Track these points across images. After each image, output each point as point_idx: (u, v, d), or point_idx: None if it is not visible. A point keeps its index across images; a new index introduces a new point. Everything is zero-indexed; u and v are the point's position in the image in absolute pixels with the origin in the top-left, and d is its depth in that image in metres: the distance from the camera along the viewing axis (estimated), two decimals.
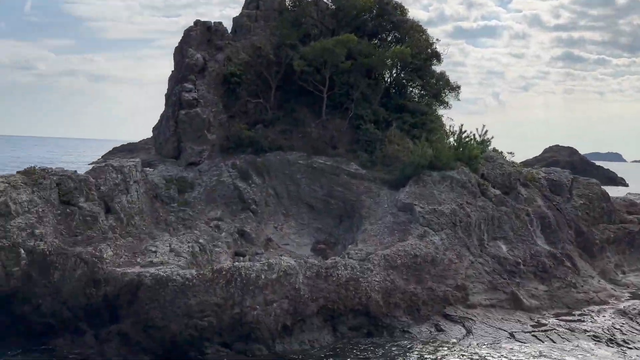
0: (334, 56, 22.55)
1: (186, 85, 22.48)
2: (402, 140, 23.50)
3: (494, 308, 17.49)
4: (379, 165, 22.51)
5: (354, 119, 23.69)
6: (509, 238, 20.15)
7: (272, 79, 23.73)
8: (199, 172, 21.60)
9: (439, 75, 27.14)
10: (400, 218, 19.18)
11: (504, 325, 16.54)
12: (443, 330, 15.88)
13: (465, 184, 20.72)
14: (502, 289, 18.08)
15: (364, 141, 23.01)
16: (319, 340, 14.60)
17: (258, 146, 22.49)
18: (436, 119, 26.19)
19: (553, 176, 23.67)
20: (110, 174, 18.00)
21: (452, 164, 21.30)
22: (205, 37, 24.53)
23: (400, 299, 16.17)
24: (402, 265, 16.86)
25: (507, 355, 14.44)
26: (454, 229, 18.95)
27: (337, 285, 15.49)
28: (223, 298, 13.73)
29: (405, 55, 23.02)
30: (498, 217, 20.28)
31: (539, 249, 20.15)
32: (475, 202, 20.32)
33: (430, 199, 19.87)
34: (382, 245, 17.73)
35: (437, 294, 16.90)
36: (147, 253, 15.22)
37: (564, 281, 19.44)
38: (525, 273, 19.13)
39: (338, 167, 22.06)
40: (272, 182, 22.18)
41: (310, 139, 23.37)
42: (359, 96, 24.04)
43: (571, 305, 18.71)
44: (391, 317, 15.71)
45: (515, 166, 23.02)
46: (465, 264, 18.20)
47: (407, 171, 21.23)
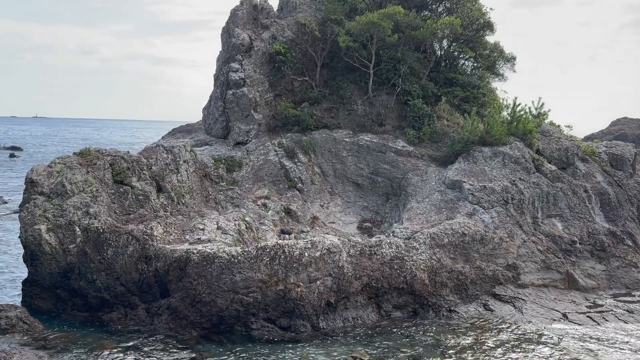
0: (380, 30, 22.00)
1: (233, 65, 22.70)
2: (451, 116, 22.83)
3: (547, 288, 16.88)
4: (427, 142, 22.01)
5: (401, 94, 23.17)
6: (565, 215, 19.25)
7: (317, 56, 23.52)
8: (246, 151, 21.91)
9: (492, 46, 26.00)
10: (448, 196, 18.72)
11: (557, 306, 15.92)
12: (492, 310, 15.49)
13: (519, 159, 19.88)
14: (556, 268, 17.37)
15: (412, 117, 22.50)
16: (362, 318, 14.61)
17: (304, 125, 22.50)
18: (489, 92, 25.17)
19: (615, 150, 22.28)
20: (161, 154, 18.58)
21: (504, 139, 20.47)
22: (252, 15, 24.58)
23: (447, 277, 15.86)
24: (449, 244, 16.49)
25: (559, 336, 13.90)
26: (505, 207, 18.30)
27: (381, 264, 15.38)
28: (267, 275, 13.96)
29: (455, 26, 22.12)
30: (553, 194, 19.38)
31: (597, 226, 19.15)
32: (529, 178, 19.49)
33: (480, 175, 19.24)
34: (429, 224, 17.39)
35: (486, 273, 16.45)
36: (195, 230, 15.68)
37: (624, 260, 18.42)
38: (581, 252, 18.26)
39: (384, 145, 21.75)
40: (318, 160, 22.20)
41: (356, 116, 23.14)
42: (406, 71, 23.42)
43: (631, 285, 17.75)
44: (437, 296, 15.47)
45: (573, 140, 21.80)
46: (517, 242, 17.57)
47: (456, 147, 20.62)
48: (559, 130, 22.46)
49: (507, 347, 13.14)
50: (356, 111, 23.17)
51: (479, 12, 24.27)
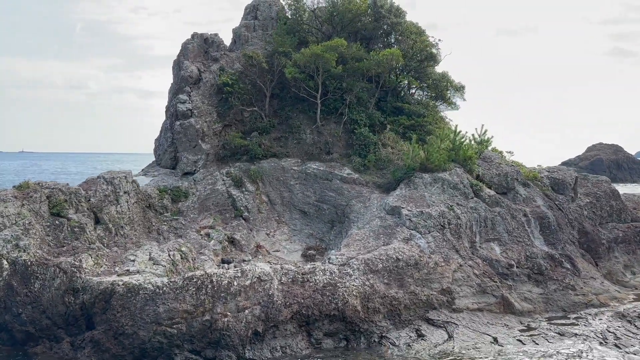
0: (325, 62, 22.61)
1: (181, 96, 23.05)
2: (396, 143, 23.33)
3: (481, 312, 17.02)
4: (373, 169, 22.42)
5: (348, 123, 23.68)
6: (504, 239, 19.58)
7: (266, 87, 24.01)
8: (194, 181, 22.06)
9: (439, 76, 26.79)
10: (387, 222, 18.97)
11: (489, 330, 16.05)
12: (423, 336, 15.56)
13: (457, 185, 20.30)
14: (492, 292, 17.57)
15: (358, 145, 22.95)
16: (291, 347, 14.57)
17: (252, 154, 22.81)
18: (437, 120, 25.82)
19: (556, 175, 22.85)
20: (101, 186, 18.64)
21: (445, 166, 20.94)
22: (202, 49, 25.13)
23: (380, 303, 15.94)
24: (384, 270, 16.64)
25: None
26: (442, 232, 18.58)
27: (313, 291, 15.44)
28: (193, 305, 13.94)
29: (396, 58, 22.80)
30: (491, 218, 19.75)
31: (535, 250, 19.49)
32: (467, 203, 19.87)
33: (419, 201, 19.57)
34: (366, 250, 17.56)
35: (421, 298, 16.58)
36: (126, 262, 15.64)
37: (562, 283, 18.70)
38: (518, 275, 18.52)
39: (331, 172, 22.09)
40: (266, 189, 22.42)
41: (305, 145, 23.55)
42: (353, 100, 24.01)
43: (567, 308, 17.98)
44: (369, 323, 15.51)
45: (514, 166, 22.35)
46: (453, 266, 17.79)
47: (398, 174, 21.03)
48: (500, 156, 23.02)
49: None
50: (305, 140, 23.58)
51: (422, 44, 25.06)
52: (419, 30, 26.70)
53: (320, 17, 26.31)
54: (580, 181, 24.50)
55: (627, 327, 16.27)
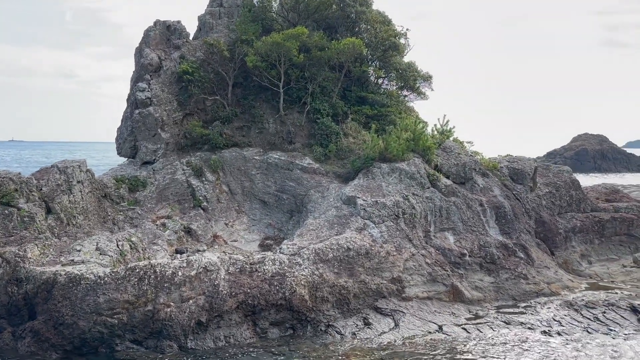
0: (286, 50, 22.44)
1: (140, 84, 22.79)
2: (358, 133, 23.30)
3: (431, 300, 17.19)
4: (334, 159, 22.41)
5: (311, 113, 23.58)
6: (458, 229, 19.74)
7: (228, 76, 23.81)
8: (152, 170, 21.90)
9: (405, 66, 26.72)
10: (343, 211, 19.03)
11: (436, 318, 16.24)
12: (370, 324, 15.70)
13: (414, 175, 20.38)
14: (442, 280, 17.74)
15: (320, 135, 22.90)
16: (235, 336, 14.64)
17: (214, 143, 22.67)
18: (404, 110, 25.83)
19: (515, 165, 23.01)
20: (54, 175, 18.43)
21: (404, 156, 20.99)
22: (165, 36, 24.79)
23: (328, 292, 16.04)
24: (334, 259, 16.71)
25: (425, 346, 14.18)
26: (396, 221, 18.68)
27: (261, 281, 15.49)
28: (135, 295, 13.92)
29: (357, 47, 22.70)
30: (446, 208, 19.88)
31: (489, 239, 19.67)
32: (423, 193, 19.97)
33: (376, 191, 19.63)
34: (318, 240, 17.62)
35: (370, 287, 16.70)
36: (72, 252, 15.55)
37: (514, 272, 18.92)
38: (470, 264, 18.71)
39: (292, 162, 22.05)
40: (226, 178, 22.34)
41: (267, 135, 23.45)
42: (317, 90, 23.90)
43: (518, 297, 18.22)
44: (317, 312, 15.60)
45: (472, 156, 22.47)
46: (405, 256, 17.91)
47: (357, 164, 21.05)
48: (460, 147, 23.11)
49: (372, 359, 13.35)
50: (267, 129, 23.48)
51: (387, 33, 24.95)
52: (385, 19, 26.58)
53: (286, 5, 26.08)
54: (542, 171, 24.71)
55: (572, 315, 16.53)
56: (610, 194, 26.85)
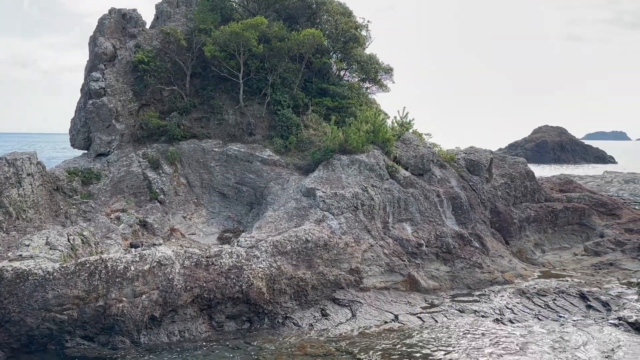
0: (245, 40, 22.15)
1: (94, 74, 22.12)
2: (319, 125, 23.26)
3: (388, 290, 17.39)
4: (294, 151, 22.33)
5: (272, 104, 23.39)
6: (416, 220, 20.01)
7: (186, 65, 23.35)
8: (107, 162, 21.34)
9: (366, 58, 26.79)
10: (302, 203, 18.99)
11: (392, 308, 16.44)
12: (328, 315, 15.77)
13: (374, 166, 20.50)
14: (400, 270, 17.97)
15: (281, 127, 22.76)
16: (190, 330, 14.46)
17: (171, 135, 22.25)
18: (366, 102, 25.91)
19: (472, 156, 23.45)
20: (2, 168, 17.71)
21: (364, 148, 21.09)
22: (120, 25, 24.11)
23: (286, 284, 16.01)
24: (292, 251, 16.68)
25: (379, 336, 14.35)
26: (355, 213, 18.78)
27: (217, 274, 15.32)
28: (85, 291, 13.56)
29: (317, 38, 22.60)
30: (404, 199, 20.10)
31: (445, 229, 20.02)
32: (382, 184, 20.13)
33: (335, 183, 19.67)
34: (277, 232, 17.55)
35: (329, 278, 16.75)
36: (20, 247, 15.01)
37: (469, 261, 19.33)
38: (427, 254, 19.01)
39: (252, 154, 21.86)
40: (184, 170, 21.97)
41: (227, 126, 23.16)
42: (277, 81, 23.72)
43: (473, 285, 18.63)
44: (274, 304, 15.56)
45: (430, 148, 22.77)
46: (364, 247, 18.04)
47: (317, 156, 21.04)
48: (419, 139, 23.38)
49: (327, 349, 13.40)
50: (227, 121, 23.18)
51: (347, 25, 24.93)
52: (345, 11, 26.55)
53: None
54: (498, 162, 25.28)
55: (524, 303, 17.00)
56: (564, 184, 27.72)
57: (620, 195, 48.21)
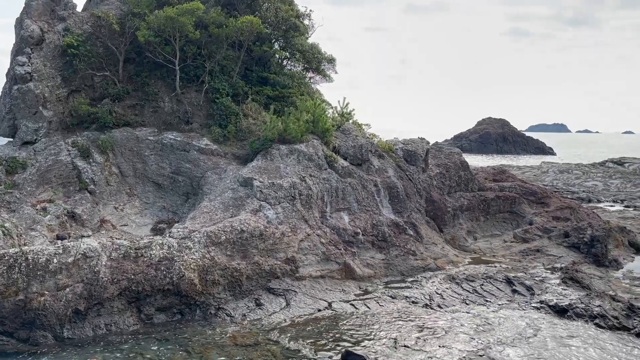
0: (181, 26, 21.56)
1: (20, 58, 20.96)
2: (259, 114, 23.04)
3: (323, 279, 17.55)
4: (233, 140, 22.03)
5: (210, 92, 22.95)
6: (353, 209, 20.25)
7: (119, 51, 22.51)
8: (33, 151, 20.32)
9: (308, 47, 26.70)
10: (239, 193, 18.81)
11: (327, 296, 16.62)
12: (262, 305, 15.75)
13: (312, 156, 20.56)
14: (335, 259, 18.16)
15: (219, 115, 22.37)
16: (117, 324, 14.09)
17: (103, 122, 21.43)
18: (304, 92, 25.84)
19: (410, 147, 23.93)
20: None
21: (303, 137, 21.08)
22: (49, 7, 22.91)
23: (220, 275, 15.85)
24: (227, 242, 16.52)
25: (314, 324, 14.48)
26: (292, 202, 18.79)
27: (147, 266, 14.97)
28: (4, 285, 12.94)
29: (256, 26, 22.31)
30: (342, 189, 20.30)
31: (382, 218, 20.38)
32: (320, 174, 20.22)
33: (273, 173, 19.58)
34: (212, 222, 17.32)
35: (264, 268, 16.72)
36: None
37: (403, 249, 19.78)
38: (363, 243, 19.31)
39: (188, 143, 21.39)
40: (116, 160, 21.24)
41: (162, 114, 22.54)
42: (216, 68, 23.27)
43: (406, 272, 19.09)
44: (207, 295, 15.38)
45: (369, 138, 23.06)
46: (300, 236, 18.10)
47: (256, 145, 20.87)
48: (358, 129, 23.61)
49: (257, 339, 13.40)
50: (163, 108, 22.56)
51: (287, 13, 24.74)
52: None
53: None
54: (435, 153, 25.93)
55: (454, 288, 17.59)
56: (497, 174, 28.79)
57: (555, 185, 50.69)
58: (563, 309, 15.69)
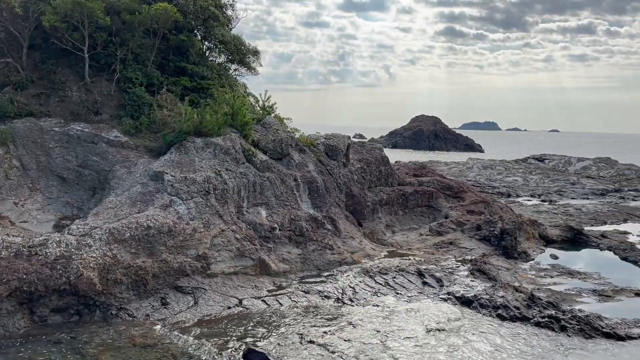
0: (90, 11, 20.38)
1: None
2: (175, 106, 22.24)
3: (236, 275, 17.19)
4: (146, 132, 21.12)
5: (122, 81, 21.89)
6: (271, 204, 19.99)
7: (23, 36, 20.98)
8: None
9: (230, 38, 26.09)
10: (149, 188, 18.04)
11: (238, 293, 16.29)
12: (168, 304, 15.19)
13: (229, 150, 20.08)
14: (250, 255, 17.84)
15: (131, 106, 21.38)
16: (7, 327, 13.10)
17: (2, 112, 19.90)
18: (224, 84, 25.24)
19: (331, 141, 23.97)
20: None
21: (221, 131, 20.54)
22: None
23: (123, 274, 15.12)
24: (131, 238, 15.78)
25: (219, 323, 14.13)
26: (206, 197, 18.25)
27: (41, 265, 14.01)
28: None
29: (170, 13, 21.48)
30: (260, 183, 19.98)
31: (300, 213, 20.26)
32: (237, 168, 19.80)
33: (187, 166, 18.94)
34: (116, 218, 16.49)
35: (172, 266, 16.13)
36: None
37: (321, 244, 19.77)
38: (280, 238, 19.11)
39: (97, 135, 20.27)
40: (18, 152, 19.79)
41: (70, 104, 21.24)
42: (129, 57, 22.23)
43: (322, 267, 19.08)
44: (107, 295, 14.63)
45: (290, 132, 22.86)
46: (214, 232, 17.62)
47: (169, 138, 20.12)
48: (279, 123, 23.35)
49: (158, 339, 12.88)
50: (70, 98, 21.26)
51: (205, 2, 24.01)
52: None
53: None
54: (357, 148, 26.16)
55: (367, 282, 17.75)
56: (418, 169, 29.48)
57: (478, 180, 52.81)
58: (469, 300, 16.20)
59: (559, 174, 55.72)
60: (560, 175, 54.60)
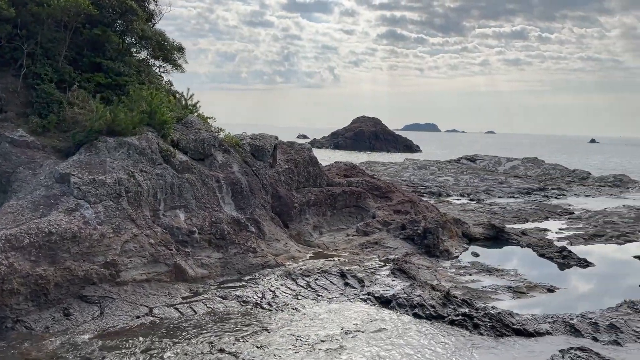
0: None
1: None
2: (86, 103, 20.96)
3: (149, 282, 16.33)
4: (55, 131, 19.77)
5: (31, 77, 20.40)
6: (191, 206, 19.22)
7: None
8: None
9: (150, 34, 25.01)
10: (53, 191, 16.83)
11: (149, 301, 15.45)
12: (70, 315, 14.15)
13: (145, 150, 19.13)
14: (165, 261, 17.03)
15: (39, 103, 19.95)
16: None
17: None
18: (144, 81, 24.14)
19: (257, 142, 23.45)
20: None
21: (136, 130, 19.53)
22: None
23: (20, 284, 13.94)
24: (31, 245, 14.61)
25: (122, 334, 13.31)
26: (117, 201, 17.25)
27: None
28: None
29: (81, 6, 20.24)
30: (179, 185, 19.16)
31: (222, 215, 19.62)
32: (153, 169, 18.88)
33: (97, 168, 17.83)
34: (15, 224, 15.22)
35: (77, 274, 15.07)
36: None
37: (243, 247, 19.21)
38: (199, 242, 18.39)
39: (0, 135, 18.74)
40: None
41: None
42: (38, 51, 20.75)
43: (244, 270, 18.54)
44: (2, 307, 13.44)
45: (212, 132, 22.14)
46: (125, 237, 16.67)
47: (78, 137, 18.91)
48: (202, 122, 22.59)
49: (56, 353, 11.91)
50: None
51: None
52: None
53: None
54: (286, 148, 25.76)
55: (288, 285, 17.37)
56: (348, 169, 29.49)
57: (411, 180, 53.82)
58: (387, 300, 16.17)
59: (489, 174, 57.78)
60: (490, 175, 56.63)
